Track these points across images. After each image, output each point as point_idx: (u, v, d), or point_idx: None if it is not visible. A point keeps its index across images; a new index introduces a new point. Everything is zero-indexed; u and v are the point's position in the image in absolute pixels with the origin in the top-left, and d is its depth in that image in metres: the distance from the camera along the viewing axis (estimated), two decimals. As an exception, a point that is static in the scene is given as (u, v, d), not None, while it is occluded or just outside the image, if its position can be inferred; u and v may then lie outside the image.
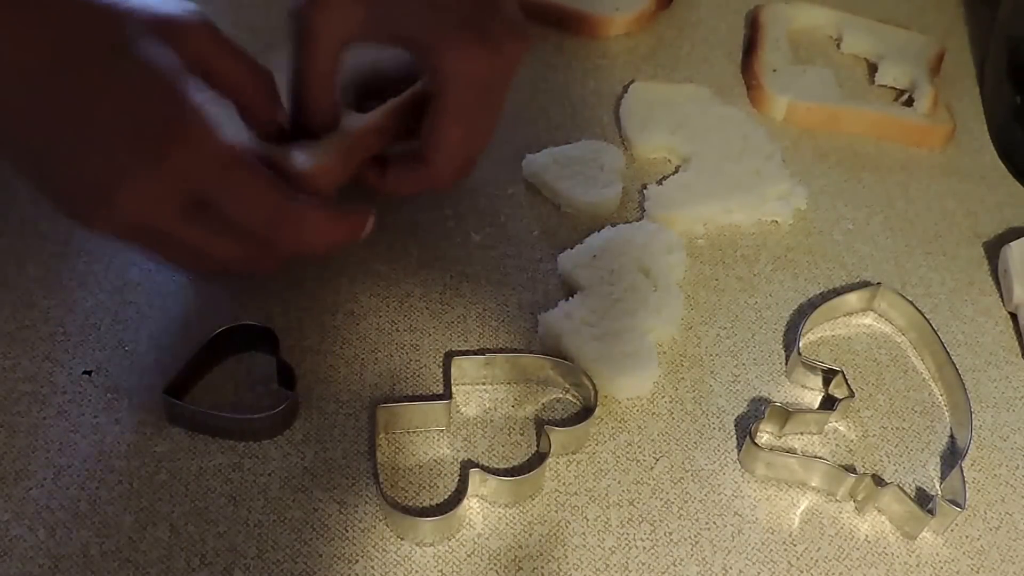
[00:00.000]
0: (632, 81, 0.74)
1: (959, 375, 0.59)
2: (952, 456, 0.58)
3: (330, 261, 0.62)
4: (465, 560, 0.52)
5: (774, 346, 0.62)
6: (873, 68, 0.78)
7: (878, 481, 0.55)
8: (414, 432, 0.56)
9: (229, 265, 0.51)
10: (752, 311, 0.63)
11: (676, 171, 0.70)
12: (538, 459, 0.55)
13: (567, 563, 0.52)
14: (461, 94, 0.52)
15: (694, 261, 0.65)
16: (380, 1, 0.51)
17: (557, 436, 0.55)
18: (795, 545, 0.54)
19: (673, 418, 0.58)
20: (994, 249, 0.68)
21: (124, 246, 0.49)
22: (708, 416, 0.58)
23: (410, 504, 0.54)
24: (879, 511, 0.55)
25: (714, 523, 0.54)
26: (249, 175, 0.48)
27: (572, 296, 0.61)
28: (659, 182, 0.68)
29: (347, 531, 0.52)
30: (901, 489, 0.54)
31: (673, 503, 0.55)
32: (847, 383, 0.59)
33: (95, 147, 0.45)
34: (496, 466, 0.55)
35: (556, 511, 0.54)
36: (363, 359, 0.59)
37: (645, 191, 0.68)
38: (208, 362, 0.57)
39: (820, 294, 0.65)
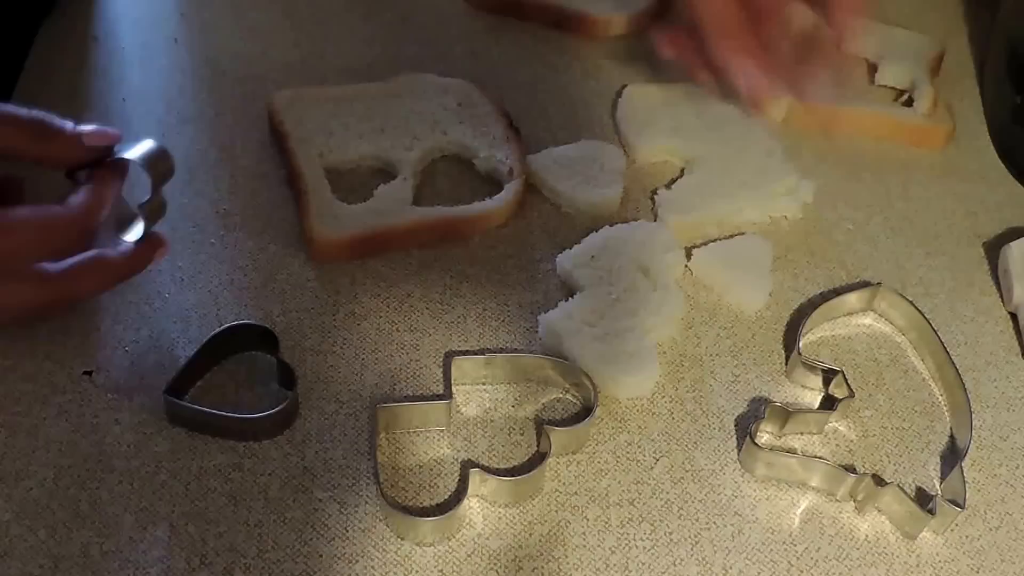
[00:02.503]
0: (625, 86, 0.74)
1: (959, 375, 0.59)
2: (952, 456, 0.58)
3: (330, 262, 0.62)
4: (465, 560, 0.52)
5: (774, 346, 0.62)
6: (873, 68, 0.78)
7: (878, 481, 0.55)
8: (414, 432, 0.56)
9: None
10: (752, 311, 0.63)
11: (682, 174, 0.70)
12: (538, 459, 0.55)
13: (567, 563, 0.52)
14: None
15: (694, 261, 0.66)
16: None
17: (557, 436, 0.55)
18: (795, 545, 0.54)
19: (673, 418, 0.58)
20: (994, 249, 0.68)
21: None
22: (708, 416, 0.58)
23: (410, 504, 0.54)
24: (879, 511, 0.55)
25: (714, 523, 0.54)
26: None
27: (572, 296, 0.61)
28: (667, 186, 0.68)
29: (347, 531, 0.52)
30: (901, 489, 0.54)
31: (673, 503, 0.55)
32: (847, 383, 0.59)
33: None
34: (496, 466, 0.55)
35: (556, 511, 0.54)
36: (363, 359, 0.59)
37: (656, 196, 0.68)
38: (208, 362, 0.57)
39: (820, 294, 0.65)
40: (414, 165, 0.66)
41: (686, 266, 0.65)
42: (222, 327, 0.57)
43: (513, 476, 0.54)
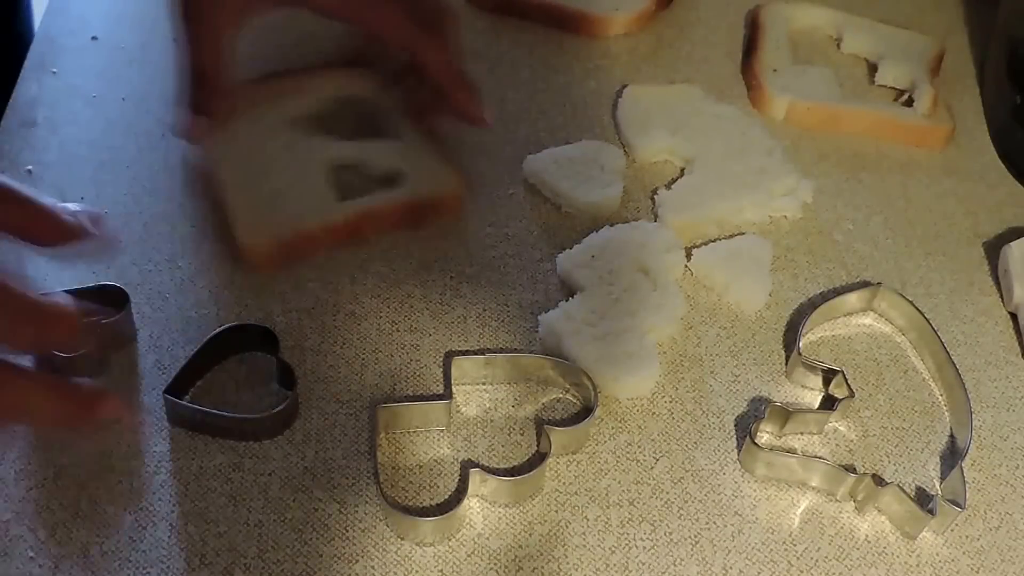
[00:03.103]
0: (624, 86, 0.74)
1: (959, 375, 0.59)
2: (952, 456, 0.58)
3: (330, 262, 0.62)
4: (465, 560, 0.52)
5: (774, 346, 0.62)
6: (873, 68, 0.78)
7: (878, 481, 0.55)
8: (414, 432, 0.56)
9: None
10: (752, 311, 0.63)
11: (681, 174, 0.70)
12: (538, 459, 0.55)
13: (567, 563, 0.52)
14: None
15: (694, 261, 0.66)
16: None
17: (557, 436, 0.55)
18: (795, 545, 0.54)
19: (673, 418, 0.58)
20: (994, 249, 0.68)
21: None
22: (708, 416, 0.58)
23: (410, 504, 0.54)
24: (879, 511, 0.55)
25: (714, 523, 0.54)
26: None
27: (572, 296, 0.61)
28: (667, 186, 0.68)
29: (347, 531, 0.52)
30: (901, 489, 0.54)
31: (673, 503, 0.55)
32: (847, 383, 0.59)
33: None
34: (496, 466, 0.55)
35: (556, 511, 0.54)
36: (363, 359, 0.59)
37: (656, 196, 0.68)
38: (208, 362, 0.57)
39: (820, 294, 0.65)
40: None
41: (686, 266, 0.65)
42: (222, 327, 0.57)
43: (513, 476, 0.54)
